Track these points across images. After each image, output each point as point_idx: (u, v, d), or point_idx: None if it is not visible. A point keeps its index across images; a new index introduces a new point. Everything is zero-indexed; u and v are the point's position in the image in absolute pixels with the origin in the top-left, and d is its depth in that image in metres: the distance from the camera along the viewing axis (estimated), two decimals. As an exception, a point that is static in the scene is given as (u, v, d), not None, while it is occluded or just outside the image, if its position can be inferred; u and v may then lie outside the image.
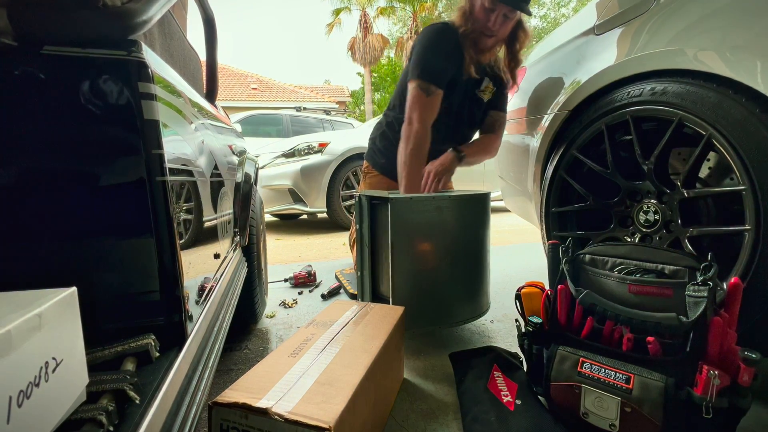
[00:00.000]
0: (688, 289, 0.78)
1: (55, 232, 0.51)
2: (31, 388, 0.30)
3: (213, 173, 0.94)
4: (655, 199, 1.17)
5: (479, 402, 0.92)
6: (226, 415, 0.64)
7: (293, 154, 4.06)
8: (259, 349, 1.34)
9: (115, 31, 0.51)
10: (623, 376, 0.78)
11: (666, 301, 0.82)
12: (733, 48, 0.94)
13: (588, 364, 0.82)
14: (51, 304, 0.34)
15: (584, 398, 0.82)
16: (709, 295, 0.74)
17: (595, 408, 0.80)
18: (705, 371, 0.71)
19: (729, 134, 0.95)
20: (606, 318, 0.84)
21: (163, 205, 0.54)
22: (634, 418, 0.76)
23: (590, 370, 0.82)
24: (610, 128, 1.25)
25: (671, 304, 0.81)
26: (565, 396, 0.85)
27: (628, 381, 0.77)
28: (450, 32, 1.59)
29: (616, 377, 0.79)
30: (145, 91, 0.52)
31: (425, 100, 1.55)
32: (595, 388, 0.80)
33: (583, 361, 0.83)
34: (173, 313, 0.57)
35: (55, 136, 0.50)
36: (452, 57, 1.59)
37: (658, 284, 0.84)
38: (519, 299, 1.01)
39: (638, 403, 0.75)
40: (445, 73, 1.58)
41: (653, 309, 0.81)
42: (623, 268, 0.91)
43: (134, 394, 0.44)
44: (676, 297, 0.81)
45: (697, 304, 0.75)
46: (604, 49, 1.29)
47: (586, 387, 0.81)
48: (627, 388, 0.77)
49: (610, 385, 0.79)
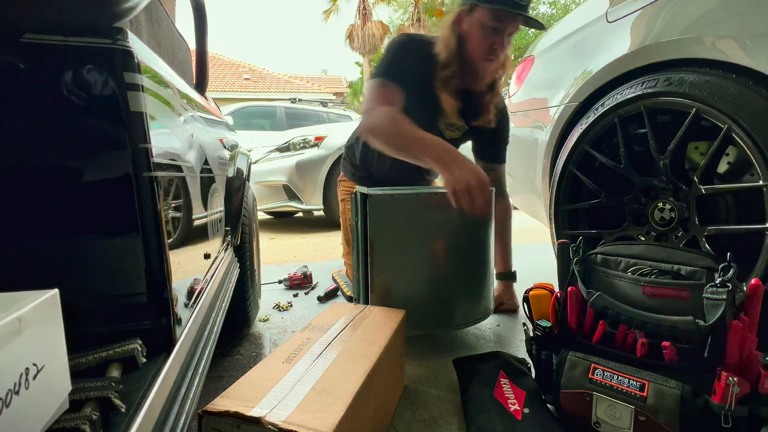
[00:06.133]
0: (706, 291, 0.77)
1: (36, 231, 0.51)
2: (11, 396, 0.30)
3: (203, 168, 0.94)
4: (671, 196, 1.17)
5: (485, 410, 0.92)
6: (216, 425, 0.64)
7: (288, 149, 4.06)
8: (251, 354, 1.34)
9: (99, 18, 0.51)
10: (637, 384, 0.78)
11: (683, 304, 0.81)
12: (754, 36, 0.94)
13: (600, 371, 0.82)
14: (31, 307, 0.34)
15: (596, 407, 0.82)
16: (728, 298, 0.74)
17: (607, 417, 0.80)
18: (723, 378, 0.70)
19: (749, 127, 0.95)
20: (619, 321, 0.84)
21: (150, 203, 0.54)
22: (648, 427, 0.76)
23: (602, 376, 0.81)
24: (623, 121, 1.25)
25: (688, 307, 0.80)
26: (576, 404, 0.85)
27: (643, 388, 0.77)
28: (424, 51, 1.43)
29: (630, 384, 0.78)
30: (130, 82, 0.52)
31: (382, 90, 1.37)
32: (608, 396, 0.80)
33: (594, 367, 0.83)
34: (161, 316, 0.57)
35: (35, 129, 0.50)
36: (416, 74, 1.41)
37: (675, 286, 0.83)
38: (527, 302, 1.01)
39: (653, 411, 0.75)
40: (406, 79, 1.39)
41: (669, 312, 0.80)
42: (637, 269, 0.90)
43: (120, 402, 0.44)
44: (694, 299, 0.80)
45: (716, 306, 0.74)
46: (617, 38, 1.29)
47: (598, 395, 0.81)
48: (641, 396, 0.76)
49: (623, 393, 0.78)
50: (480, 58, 1.39)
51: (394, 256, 1.24)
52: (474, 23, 1.36)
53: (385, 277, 1.25)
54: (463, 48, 1.41)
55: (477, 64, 1.41)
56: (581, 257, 0.97)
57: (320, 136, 4.04)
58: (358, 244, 1.30)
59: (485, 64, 1.40)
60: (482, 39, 1.36)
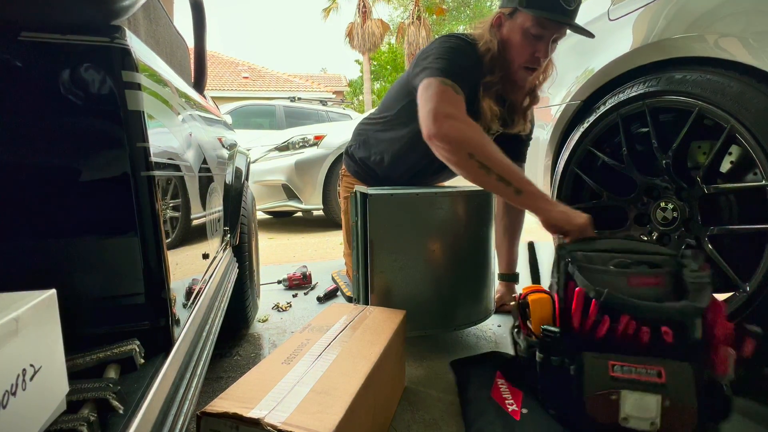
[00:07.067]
0: (688, 275, 0.86)
1: (33, 231, 0.51)
2: (8, 398, 0.30)
3: (201, 168, 0.94)
4: (674, 196, 1.17)
5: (483, 412, 0.92)
6: (215, 426, 0.64)
7: (287, 148, 4.06)
8: (250, 355, 1.34)
9: (97, 16, 0.51)
10: (654, 371, 0.80)
11: (659, 290, 0.90)
12: (757, 34, 0.94)
13: (618, 367, 0.82)
14: (29, 308, 0.34)
15: (624, 403, 0.81)
16: (711, 280, 0.83)
17: (636, 411, 0.81)
18: (722, 351, 0.79)
19: (752, 126, 0.95)
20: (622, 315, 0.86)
21: (149, 202, 0.54)
22: (673, 410, 0.79)
23: (622, 372, 0.82)
24: (625, 120, 1.25)
25: (664, 292, 0.89)
26: (603, 406, 0.83)
27: (660, 375, 0.80)
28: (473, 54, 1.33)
29: (648, 373, 0.80)
30: (128, 80, 0.52)
31: (448, 90, 1.21)
32: (634, 390, 0.81)
33: (612, 364, 0.83)
34: (159, 317, 0.57)
35: (32, 128, 0.50)
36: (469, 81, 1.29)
37: (654, 274, 0.90)
38: (526, 307, 0.97)
39: (675, 394, 0.78)
40: (464, 81, 1.25)
41: (651, 298, 0.87)
42: (618, 262, 0.94)
43: (117, 404, 0.44)
44: (667, 285, 0.90)
45: (703, 289, 0.84)
46: (619, 36, 1.29)
47: (624, 391, 0.82)
48: (661, 382, 0.79)
49: (645, 384, 0.80)
50: (520, 67, 1.30)
51: (395, 256, 1.24)
52: (515, 28, 1.27)
53: (385, 278, 1.25)
54: (503, 54, 1.32)
55: (516, 73, 1.32)
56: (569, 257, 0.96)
57: (320, 135, 4.04)
58: (358, 244, 1.30)
59: (525, 73, 1.32)
60: (524, 46, 1.27)
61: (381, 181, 1.62)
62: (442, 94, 1.20)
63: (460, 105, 1.21)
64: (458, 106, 1.20)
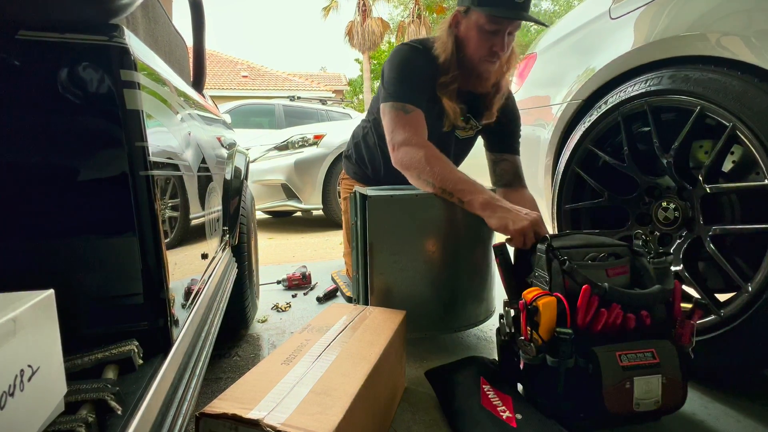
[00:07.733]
0: (652, 262, 0.97)
1: (31, 231, 0.51)
2: (5, 398, 0.30)
3: (200, 167, 0.94)
4: (676, 195, 1.17)
5: (478, 423, 0.89)
6: (214, 427, 0.64)
7: (286, 147, 4.06)
8: (249, 356, 1.35)
9: (95, 15, 0.51)
10: (648, 353, 0.87)
11: (626, 278, 0.99)
12: (760, 33, 0.94)
13: (625, 356, 0.87)
14: (26, 308, 0.34)
15: (636, 390, 0.86)
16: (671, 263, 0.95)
17: (644, 394, 0.86)
18: (687, 324, 0.91)
19: (754, 125, 0.95)
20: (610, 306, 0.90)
21: (147, 202, 0.54)
22: (669, 387, 0.87)
23: (629, 360, 0.87)
24: (627, 119, 1.25)
25: (628, 280, 0.99)
26: (620, 397, 0.85)
27: (654, 356, 0.87)
28: (427, 58, 1.40)
29: (646, 357, 0.87)
30: (127, 79, 0.52)
31: (402, 115, 1.34)
32: (642, 375, 0.86)
33: (620, 354, 0.87)
34: (158, 317, 0.57)
35: (30, 127, 0.50)
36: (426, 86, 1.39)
37: (624, 264, 0.99)
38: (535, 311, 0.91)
39: (668, 371, 0.86)
40: (420, 94, 1.37)
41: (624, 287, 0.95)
42: (593, 256, 0.99)
43: (116, 404, 0.44)
44: (631, 272, 1.00)
45: (667, 274, 0.96)
46: (620, 35, 1.29)
47: (636, 378, 0.86)
48: (656, 363, 0.87)
49: (647, 367, 0.86)
50: (480, 61, 1.36)
51: (394, 257, 1.24)
52: (471, 26, 1.33)
53: (385, 279, 1.25)
54: (463, 51, 1.38)
55: (478, 67, 1.38)
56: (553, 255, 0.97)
57: (319, 134, 4.04)
58: (358, 245, 1.30)
59: (487, 65, 1.37)
60: (481, 42, 1.33)
61: (380, 181, 1.63)
62: (395, 119, 1.35)
63: (413, 124, 1.34)
64: (411, 127, 1.33)
